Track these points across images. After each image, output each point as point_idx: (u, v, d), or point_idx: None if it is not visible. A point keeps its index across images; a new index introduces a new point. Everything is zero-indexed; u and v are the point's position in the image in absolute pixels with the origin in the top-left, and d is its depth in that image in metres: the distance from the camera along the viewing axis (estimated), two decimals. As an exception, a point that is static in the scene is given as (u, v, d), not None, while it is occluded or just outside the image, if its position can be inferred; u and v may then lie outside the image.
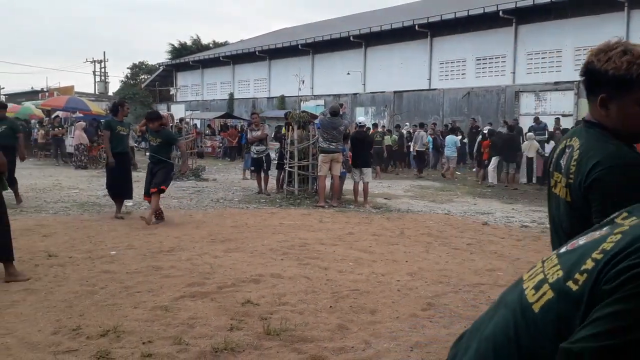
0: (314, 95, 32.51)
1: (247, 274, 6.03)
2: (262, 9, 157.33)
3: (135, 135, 18.32)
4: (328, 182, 12.27)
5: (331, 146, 11.70)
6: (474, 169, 19.99)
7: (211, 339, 4.15)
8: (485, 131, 18.80)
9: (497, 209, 12.05)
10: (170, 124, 20.74)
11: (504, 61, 24.53)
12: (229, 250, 7.29)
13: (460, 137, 22.07)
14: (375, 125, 23.04)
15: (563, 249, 1.21)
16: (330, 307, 4.98)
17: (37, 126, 27.96)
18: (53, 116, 27.67)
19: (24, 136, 27.25)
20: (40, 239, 7.77)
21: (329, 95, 30.73)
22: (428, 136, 21.28)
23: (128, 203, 10.42)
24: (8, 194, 6.25)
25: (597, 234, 1.16)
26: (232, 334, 4.27)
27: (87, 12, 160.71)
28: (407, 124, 25.20)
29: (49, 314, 4.69)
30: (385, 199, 13.26)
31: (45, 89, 50.94)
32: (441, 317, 4.84)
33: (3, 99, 58.25)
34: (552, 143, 17.44)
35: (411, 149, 22.30)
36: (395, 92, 28.31)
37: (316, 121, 12.66)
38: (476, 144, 19.10)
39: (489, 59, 25.15)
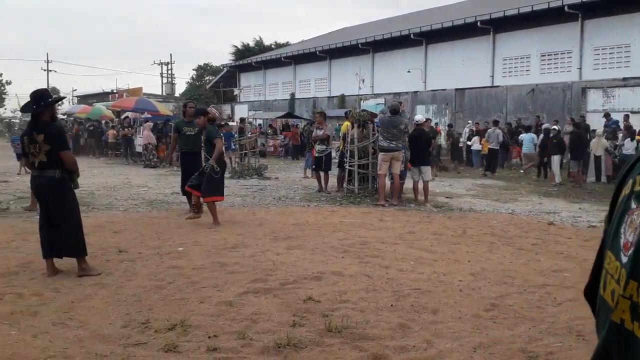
0: (374, 94, 32.36)
1: (309, 271, 6.06)
2: (323, 9, 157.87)
3: None
4: (388, 181, 12.19)
5: (391, 145, 11.61)
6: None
7: (274, 335, 4.19)
8: (555, 127, 18.13)
9: (564, 209, 11.67)
10: (229, 120, 21.08)
11: (570, 57, 23.72)
12: (291, 247, 7.35)
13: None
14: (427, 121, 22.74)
15: (623, 258, 1.05)
16: (391, 305, 4.95)
17: (106, 126, 28.93)
18: (123, 117, 28.59)
19: (97, 136, 28.40)
20: (111, 235, 8.04)
21: (389, 94, 30.53)
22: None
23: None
24: (80, 191, 6.47)
25: (636, 218, 1.03)
26: (295, 330, 4.30)
27: (155, 15, 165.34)
28: (470, 121, 24.76)
29: (119, 307, 4.86)
30: (447, 198, 13.06)
31: (115, 91, 52.74)
32: (505, 318, 4.73)
33: (76, 100, 60.55)
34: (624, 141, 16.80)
35: (471, 146, 21.91)
36: (456, 89, 27.85)
37: (376, 120, 12.60)
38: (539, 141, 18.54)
39: (554, 54, 24.38)
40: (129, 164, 23.15)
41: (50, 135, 5.77)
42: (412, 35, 29.75)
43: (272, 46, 52.96)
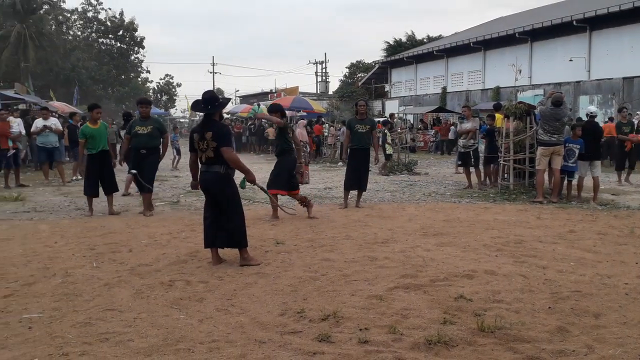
0: (532, 85, 30.82)
1: (460, 268, 5.95)
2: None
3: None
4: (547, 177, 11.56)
5: (552, 138, 10.99)
6: None
7: (424, 331, 4.17)
8: None
9: None
10: (379, 116, 21.17)
11: None
12: (441, 244, 7.25)
13: None
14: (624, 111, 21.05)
15: None
16: (549, 307, 4.71)
17: (266, 125, 30.36)
18: (280, 115, 29.85)
19: (258, 134, 29.90)
20: (270, 228, 8.44)
21: (548, 85, 28.89)
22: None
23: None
24: (249, 189, 6.85)
25: None
26: (445, 327, 4.25)
27: (310, 15, 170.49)
28: (639, 113, 22.74)
29: (276, 296, 5.10)
30: (613, 195, 12.12)
31: (273, 90, 55.15)
32: (679, 326, 4.30)
33: (238, 100, 64.13)
34: None
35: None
36: (624, 78, 25.66)
37: (535, 111, 12.00)
38: None
39: None
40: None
41: (217, 133, 6.18)
42: (574, 22, 27.86)
43: (424, 40, 52.31)
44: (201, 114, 6.69)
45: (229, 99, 7.52)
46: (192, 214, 9.80)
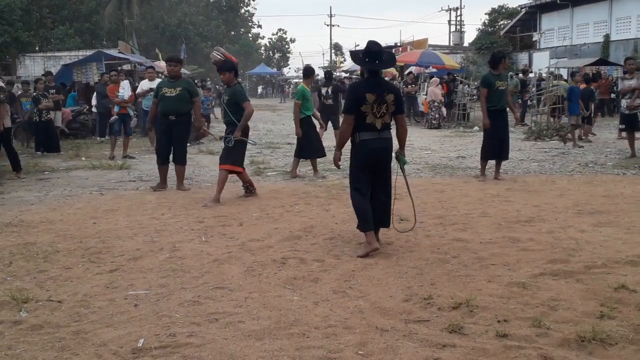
0: None
1: (622, 254, 5.68)
2: None
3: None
4: None
5: None
6: None
7: (576, 326, 4.04)
8: None
9: None
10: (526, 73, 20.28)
11: None
12: (599, 224, 6.95)
13: None
14: None
15: None
16: None
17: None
18: (406, 72, 29.52)
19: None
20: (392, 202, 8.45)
21: None
22: None
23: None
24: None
25: None
26: (602, 322, 4.10)
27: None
28: None
29: (399, 280, 5.13)
30: None
31: (398, 44, 54.60)
32: None
33: (358, 56, 64.29)
34: None
35: None
36: None
37: None
38: None
39: None
40: (411, 124, 23.89)
41: (398, 96, 6.07)
42: None
43: (583, -22, 49.45)
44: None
45: (393, 54, 7.30)
46: (307, 185, 10.00)
